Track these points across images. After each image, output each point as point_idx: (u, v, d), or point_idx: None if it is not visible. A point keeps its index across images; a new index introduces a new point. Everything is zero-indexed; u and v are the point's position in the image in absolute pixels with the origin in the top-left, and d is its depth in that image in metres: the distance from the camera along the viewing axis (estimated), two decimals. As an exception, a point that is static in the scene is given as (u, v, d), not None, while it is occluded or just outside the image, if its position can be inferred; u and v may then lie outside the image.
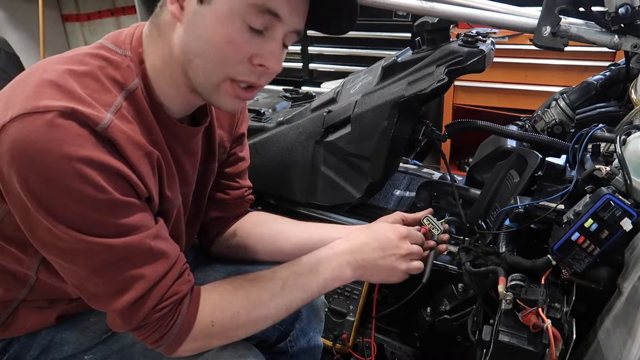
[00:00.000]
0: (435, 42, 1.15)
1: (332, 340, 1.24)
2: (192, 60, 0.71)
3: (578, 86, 1.20)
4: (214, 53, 0.69)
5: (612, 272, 0.78)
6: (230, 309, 0.78)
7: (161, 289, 0.72)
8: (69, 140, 0.61)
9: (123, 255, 0.68)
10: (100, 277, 0.69)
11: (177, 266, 0.75)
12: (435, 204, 1.30)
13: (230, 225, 1.06)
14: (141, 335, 0.74)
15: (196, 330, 0.75)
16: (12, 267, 0.78)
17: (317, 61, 2.81)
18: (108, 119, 0.65)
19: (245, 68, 0.71)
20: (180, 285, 0.74)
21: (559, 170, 0.92)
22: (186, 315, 0.74)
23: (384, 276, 0.89)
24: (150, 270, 0.70)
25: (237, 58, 0.69)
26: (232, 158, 1.01)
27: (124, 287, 0.69)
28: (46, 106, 0.62)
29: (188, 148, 0.84)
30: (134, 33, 0.76)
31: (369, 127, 1.16)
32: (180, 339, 0.74)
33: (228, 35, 0.68)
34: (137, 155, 0.69)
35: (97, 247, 0.66)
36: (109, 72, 0.70)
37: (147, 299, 0.70)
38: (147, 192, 0.72)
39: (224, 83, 0.72)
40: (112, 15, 3.59)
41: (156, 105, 0.75)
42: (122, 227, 0.67)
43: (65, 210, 0.64)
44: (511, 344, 0.75)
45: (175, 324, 0.73)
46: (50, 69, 0.67)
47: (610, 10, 0.91)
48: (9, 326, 0.83)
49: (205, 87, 0.73)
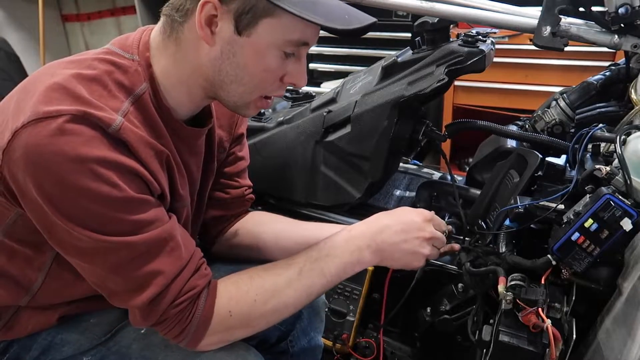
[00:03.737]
0: (435, 42, 1.15)
1: (332, 340, 1.24)
2: (226, 84, 0.75)
3: (578, 86, 1.20)
4: (252, 80, 0.74)
5: (612, 272, 0.78)
6: (246, 299, 0.78)
7: (179, 283, 0.73)
8: (83, 143, 0.63)
9: (141, 251, 0.69)
10: (119, 275, 0.70)
11: (194, 260, 0.76)
12: (435, 204, 1.30)
13: (231, 225, 1.06)
14: (163, 330, 0.75)
15: (215, 323, 0.76)
16: (18, 273, 0.79)
17: (317, 61, 2.80)
18: (119, 121, 0.67)
19: (276, 86, 0.77)
20: (197, 280, 0.75)
21: (559, 170, 0.92)
22: (204, 309, 0.75)
23: (406, 260, 0.86)
24: (168, 265, 0.71)
25: (272, 82, 0.75)
26: (232, 158, 1.02)
27: (144, 283, 0.70)
28: (57, 110, 0.63)
29: (193, 149, 0.85)
30: (141, 38, 0.77)
31: (369, 127, 1.16)
32: (200, 332, 0.75)
33: (267, 66, 0.73)
34: (148, 155, 0.70)
35: (115, 246, 0.67)
36: (116, 77, 0.71)
37: (165, 294, 0.71)
38: (160, 189, 0.73)
39: (255, 100, 0.78)
40: (112, 15, 3.59)
41: (163, 108, 0.76)
42: (138, 223, 0.69)
43: (81, 211, 0.65)
44: (511, 344, 0.76)
45: (194, 318, 0.74)
46: (58, 73, 0.68)
47: (610, 10, 0.91)
48: (10, 328, 0.83)
49: (236, 104, 0.78)
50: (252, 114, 0.82)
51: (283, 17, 0.69)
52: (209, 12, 0.69)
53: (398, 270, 1.07)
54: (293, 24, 0.70)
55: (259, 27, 0.69)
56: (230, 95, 0.76)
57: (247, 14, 0.68)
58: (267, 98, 0.79)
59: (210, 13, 0.69)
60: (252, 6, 0.68)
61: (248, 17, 0.69)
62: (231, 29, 0.70)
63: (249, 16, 0.69)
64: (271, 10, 0.68)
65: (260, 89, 0.76)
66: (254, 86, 0.75)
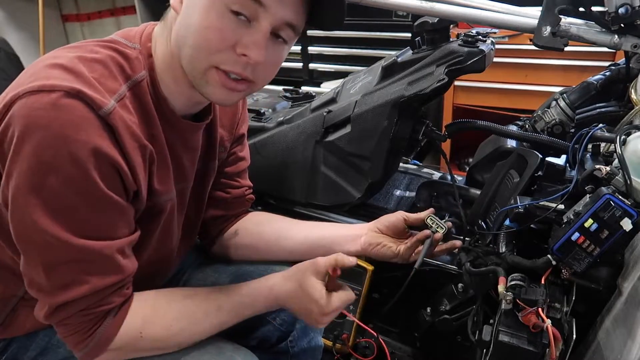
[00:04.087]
0: (435, 42, 1.15)
1: (332, 340, 1.24)
2: (181, 49, 0.72)
3: (578, 86, 1.20)
4: (197, 39, 0.69)
5: (612, 272, 0.78)
6: (161, 322, 0.78)
7: (99, 295, 0.71)
8: (71, 121, 0.63)
9: (78, 257, 0.68)
10: (47, 272, 0.68)
11: (123, 279, 0.74)
12: (435, 204, 1.30)
13: (231, 225, 1.06)
14: (61, 333, 0.73)
15: (122, 341, 0.74)
16: (12, 263, 0.78)
17: (317, 61, 2.81)
18: (111, 105, 0.66)
19: (229, 56, 0.70)
20: (115, 297, 0.74)
21: (559, 170, 0.92)
22: (110, 326, 0.73)
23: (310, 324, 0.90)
24: (97, 279, 0.70)
25: (218, 44, 0.69)
26: (232, 157, 1.02)
27: (67, 285, 0.69)
28: (52, 85, 0.63)
29: (188, 143, 0.85)
30: (144, 30, 0.78)
31: (369, 127, 1.16)
32: (99, 349, 0.74)
33: (209, 21, 0.68)
34: (132, 146, 0.69)
35: (56, 242, 0.66)
36: (118, 61, 0.71)
37: (80, 302, 0.70)
38: (136, 185, 0.72)
39: (209, 71, 0.71)
40: (112, 16, 3.59)
41: (160, 98, 0.76)
42: (90, 224, 0.67)
43: (45, 186, 0.64)
44: (511, 344, 0.76)
45: (96, 333, 0.73)
46: (60, 55, 0.69)
47: (610, 10, 0.91)
48: (8, 326, 0.83)
49: (193, 75, 0.73)
50: (216, 94, 0.74)
51: None
52: None
53: (398, 268, 1.08)
54: None
55: None
56: (185, 63, 0.72)
57: None
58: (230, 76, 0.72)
59: None
60: None
61: None
62: None
63: None
64: None
65: (209, 52, 0.69)
66: (200, 47, 0.69)
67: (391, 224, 1.02)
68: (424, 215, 1.00)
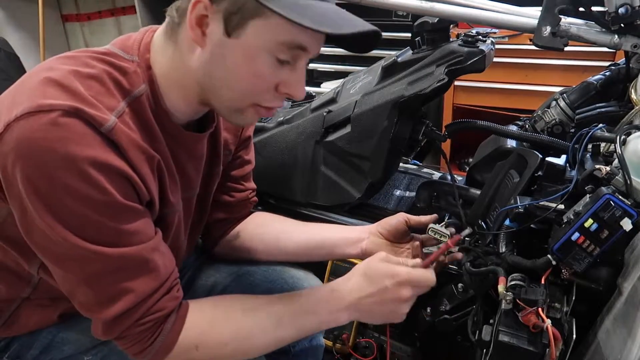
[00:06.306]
0: (435, 42, 1.15)
1: (332, 340, 1.24)
2: (216, 87, 0.72)
3: (578, 86, 1.20)
4: (242, 85, 0.71)
5: (612, 272, 0.78)
6: (217, 339, 0.77)
7: (149, 303, 0.71)
8: (73, 140, 0.62)
9: (117, 265, 0.68)
10: (90, 287, 0.68)
11: (168, 282, 0.74)
12: (435, 204, 1.30)
13: (233, 227, 1.06)
14: (122, 345, 0.74)
15: (178, 351, 0.74)
16: (16, 266, 0.78)
17: (317, 61, 2.80)
18: (112, 121, 0.65)
19: (271, 95, 0.73)
20: (167, 302, 0.74)
21: (559, 170, 0.91)
22: (169, 334, 0.73)
23: (384, 320, 0.84)
24: (141, 285, 0.70)
25: (263, 88, 0.71)
26: (238, 161, 1.01)
27: (113, 298, 0.69)
28: (51, 105, 0.62)
29: (192, 153, 0.84)
30: (143, 39, 0.75)
31: (369, 127, 1.16)
32: (160, 356, 0.74)
33: (257, 70, 0.69)
34: (139, 159, 0.69)
35: (92, 256, 0.66)
36: (115, 77, 0.70)
37: (133, 312, 0.70)
38: (149, 195, 0.72)
39: (247, 108, 0.74)
40: (112, 16, 3.58)
41: (161, 111, 0.75)
42: (119, 233, 0.67)
43: (65, 209, 0.63)
44: (511, 344, 0.75)
45: (156, 341, 0.73)
46: (55, 68, 0.67)
47: (610, 10, 0.91)
48: (11, 324, 0.83)
49: (228, 110, 0.75)
50: (248, 122, 0.78)
51: (271, 19, 0.65)
52: (200, 12, 0.67)
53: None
54: (282, 26, 0.65)
55: (247, 28, 0.66)
56: (221, 101, 0.74)
57: (236, 14, 0.66)
58: (263, 108, 0.75)
59: (201, 13, 0.67)
60: (241, 6, 0.65)
61: (237, 17, 0.66)
62: (221, 30, 0.67)
63: (238, 16, 0.66)
64: (260, 10, 0.65)
65: (252, 95, 0.72)
66: (244, 92, 0.72)
67: (392, 227, 1.01)
68: (425, 220, 0.99)
